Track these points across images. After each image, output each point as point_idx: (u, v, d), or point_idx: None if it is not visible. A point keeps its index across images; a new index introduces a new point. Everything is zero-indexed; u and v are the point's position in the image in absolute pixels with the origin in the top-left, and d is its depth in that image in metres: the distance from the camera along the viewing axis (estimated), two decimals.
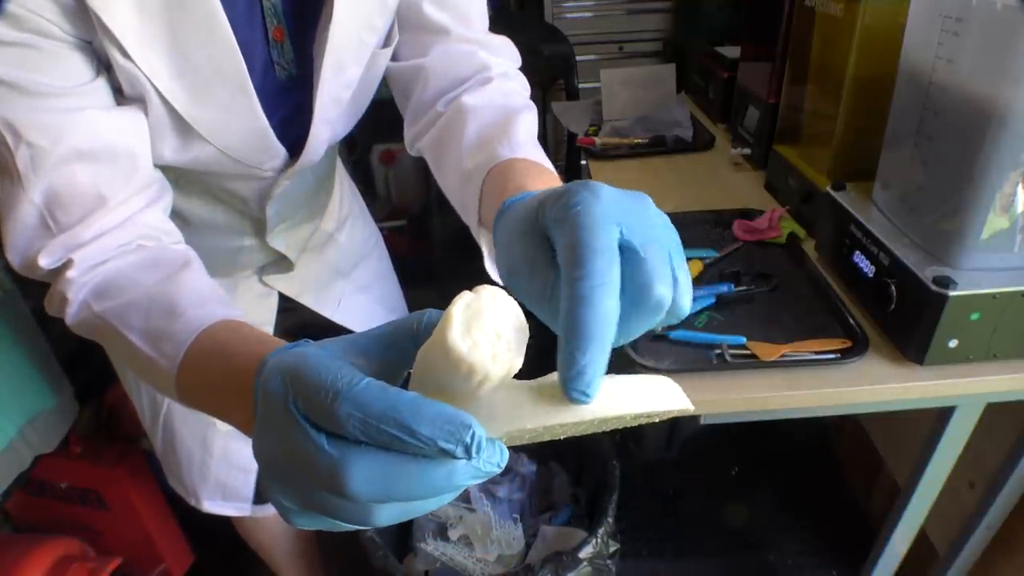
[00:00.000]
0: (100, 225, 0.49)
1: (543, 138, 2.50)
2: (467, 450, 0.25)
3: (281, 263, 0.84)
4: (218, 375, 0.41)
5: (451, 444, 0.25)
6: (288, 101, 0.60)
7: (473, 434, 0.25)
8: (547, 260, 0.33)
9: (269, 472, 0.29)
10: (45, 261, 0.48)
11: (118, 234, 0.50)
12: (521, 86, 0.66)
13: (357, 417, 0.26)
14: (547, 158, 0.53)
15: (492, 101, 0.60)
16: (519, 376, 0.31)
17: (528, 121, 0.57)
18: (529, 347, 0.30)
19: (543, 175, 0.48)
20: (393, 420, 0.25)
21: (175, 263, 0.49)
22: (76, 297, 0.48)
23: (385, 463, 0.26)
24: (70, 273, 0.48)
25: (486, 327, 0.28)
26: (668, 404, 0.32)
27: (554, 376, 0.32)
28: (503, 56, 0.66)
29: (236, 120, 0.55)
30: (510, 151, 0.52)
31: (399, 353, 0.32)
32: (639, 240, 0.31)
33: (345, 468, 0.26)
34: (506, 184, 0.48)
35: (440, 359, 0.28)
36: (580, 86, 2.18)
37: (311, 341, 0.35)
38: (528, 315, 0.32)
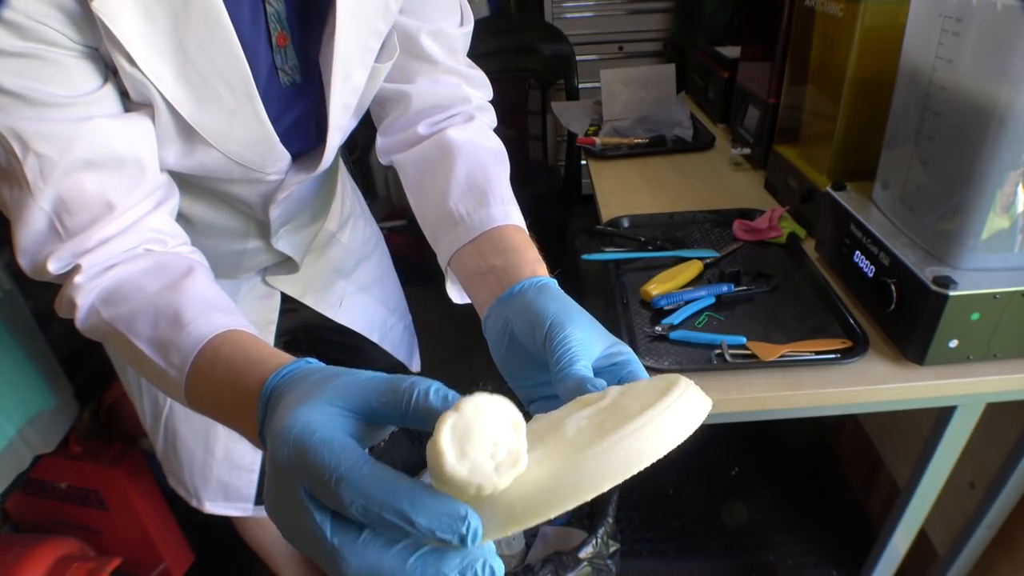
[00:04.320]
0: (107, 231, 0.49)
1: (543, 138, 2.51)
2: (463, 540, 0.27)
3: (285, 264, 0.84)
4: (223, 391, 0.42)
5: (448, 535, 0.27)
6: (293, 108, 0.60)
7: (468, 525, 0.27)
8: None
9: (281, 529, 0.31)
10: (54, 266, 0.49)
11: (124, 239, 0.50)
12: (492, 120, 0.72)
13: (360, 503, 0.27)
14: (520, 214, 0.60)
15: (475, 140, 0.65)
16: None
17: (507, 169, 0.64)
18: None
19: (532, 251, 0.55)
20: (393, 509, 0.27)
21: (180, 268, 0.50)
22: (84, 302, 0.49)
23: (382, 555, 0.28)
24: (78, 279, 0.49)
25: (480, 442, 0.28)
26: (691, 424, 0.31)
27: (564, 438, 0.31)
28: (480, 90, 0.71)
29: (241, 125, 0.55)
30: (504, 215, 0.57)
31: (388, 419, 0.33)
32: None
33: (343, 559, 0.28)
34: (517, 264, 0.53)
35: (444, 484, 0.28)
36: (580, 86, 2.19)
37: (313, 361, 0.38)
38: None
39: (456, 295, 0.63)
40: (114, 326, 0.48)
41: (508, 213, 0.58)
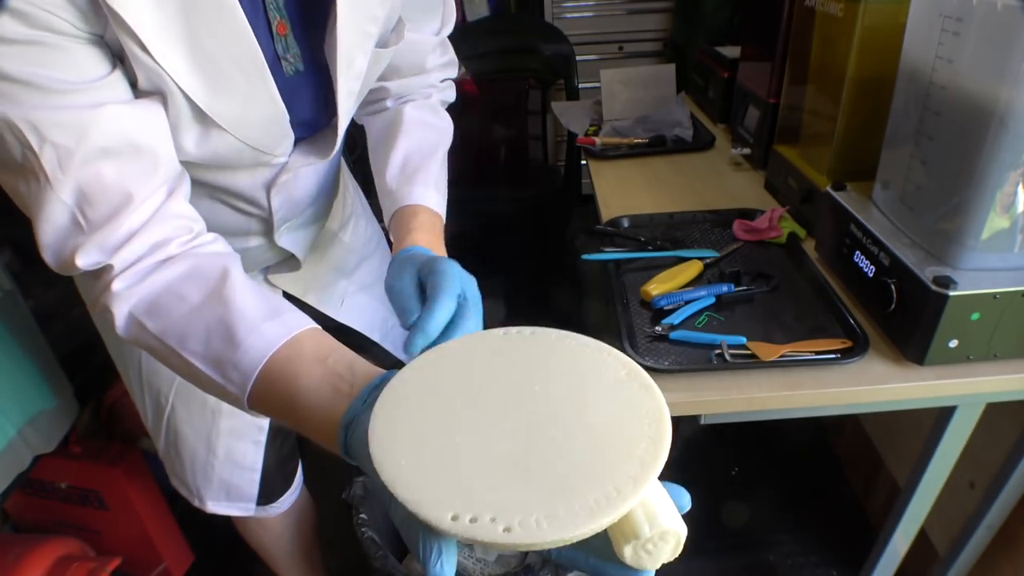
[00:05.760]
0: (130, 223, 0.49)
1: (543, 138, 2.51)
2: None
3: (288, 263, 0.84)
4: (290, 415, 0.46)
5: None
6: (297, 97, 0.61)
7: None
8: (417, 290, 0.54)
9: None
10: (83, 261, 0.48)
11: (151, 230, 0.50)
12: (450, 96, 0.84)
13: None
14: (444, 195, 0.73)
15: (426, 119, 0.77)
16: None
17: (446, 146, 0.77)
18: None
19: (435, 227, 0.68)
20: None
21: (216, 273, 0.50)
22: (121, 311, 0.49)
23: None
24: (116, 287, 0.49)
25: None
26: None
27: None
28: (446, 71, 0.82)
29: (255, 108, 0.56)
30: (423, 195, 0.69)
31: None
32: (470, 295, 0.52)
33: None
34: (411, 229, 0.65)
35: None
36: (580, 86, 2.19)
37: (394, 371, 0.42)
38: None
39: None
40: (163, 340, 0.48)
41: (426, 195, 0.69)
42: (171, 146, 0.53)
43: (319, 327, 0.50)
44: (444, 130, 0.79)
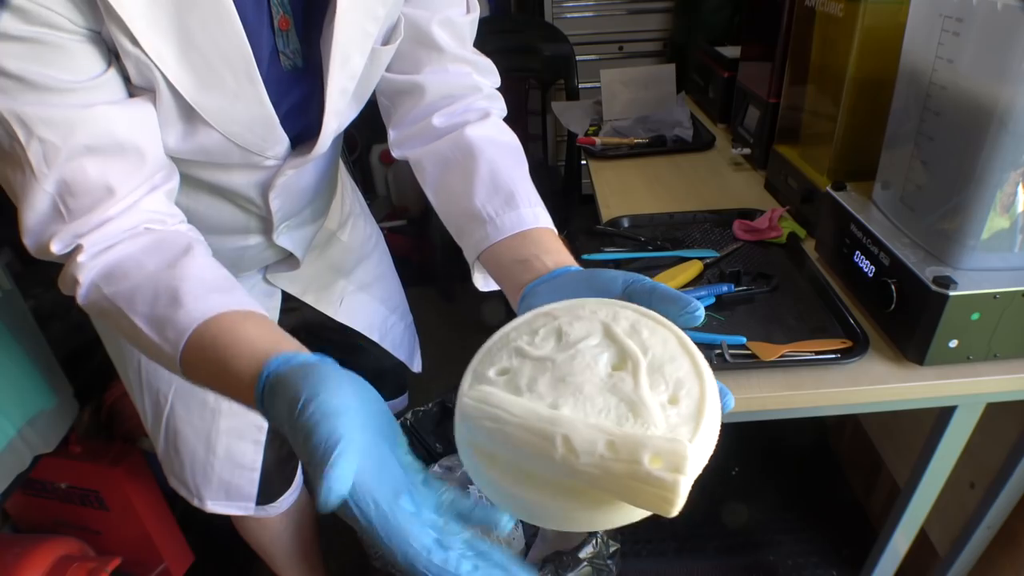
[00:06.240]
0: (107, 214, 0.50)
1: (543, 138, 2.51)
2: None
3: (287, 262, 0.84)
4: (216, 370, 0.45)
5: None
6: (293, 92, 0.61)
7: None
8: None
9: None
10: (57, 247, 0.50)
11: (123, 219, 0.51)
12: (503, 110, 0.74)
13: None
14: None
15: (495, 138, 0.67)
16: None
17: (526, 166, 0.66)
18: None
19: (562, 245, 0.58)
20: None
21: (178, 246, 0.51)
22: (86, 279, 0.50)
23: None
24: (81, 257, 0.50)
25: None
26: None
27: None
28: (489, 78, 0.72)
29: (242, 107, 0.56)
30: (534, 217, 0.59)
31: None
32: None
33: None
34: (548, 253, 0.56)
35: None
36: (580, 86, 2.18)
37: (328, 359, 0.42)
38: None
39: (482, 283, 0.65)
40: (114, 302, 0.49)
41: (537, 216, 0.59)
42: (159, 146, 0.54)
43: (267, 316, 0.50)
44: (518, 149, 0.68)
